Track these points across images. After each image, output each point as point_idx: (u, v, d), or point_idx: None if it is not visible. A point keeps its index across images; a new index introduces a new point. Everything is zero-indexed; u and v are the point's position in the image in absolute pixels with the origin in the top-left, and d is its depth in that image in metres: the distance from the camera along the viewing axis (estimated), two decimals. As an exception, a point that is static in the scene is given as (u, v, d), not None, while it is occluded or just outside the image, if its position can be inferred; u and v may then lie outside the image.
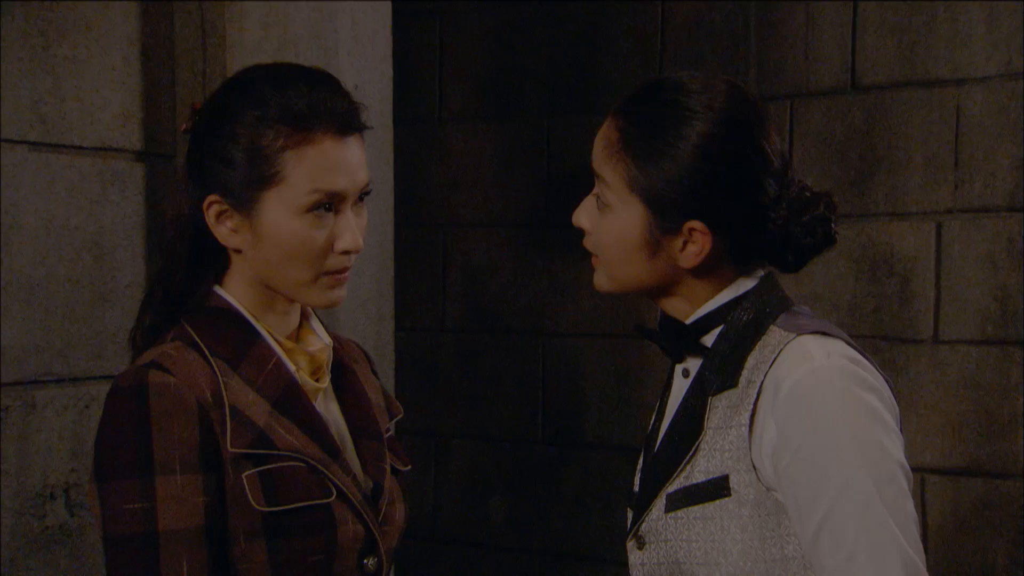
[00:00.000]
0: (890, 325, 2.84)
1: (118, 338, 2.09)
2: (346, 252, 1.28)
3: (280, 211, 1.26)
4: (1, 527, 1.92)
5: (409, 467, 1.41)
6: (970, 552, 2.77)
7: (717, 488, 1.16)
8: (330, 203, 1.27)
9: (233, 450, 1.22)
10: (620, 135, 1.22)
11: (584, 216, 1.27)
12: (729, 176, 1.19)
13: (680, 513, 1.18)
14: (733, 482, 1.16)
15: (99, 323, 2.06)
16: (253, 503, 1.22)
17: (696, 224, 1.20)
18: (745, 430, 1.17)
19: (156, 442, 1.20)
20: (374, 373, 1.47)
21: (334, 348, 1.37)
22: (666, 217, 1.20)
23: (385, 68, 2.41)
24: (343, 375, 1.38)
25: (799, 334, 1.19)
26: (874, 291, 2.88)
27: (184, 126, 1.34)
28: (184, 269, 1.31)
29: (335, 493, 1.26)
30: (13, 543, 1.94)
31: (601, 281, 1.28)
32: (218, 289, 1.32)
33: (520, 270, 3.35)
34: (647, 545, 1.21)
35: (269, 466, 1.24)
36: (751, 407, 1.17)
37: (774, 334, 1.21)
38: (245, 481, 1.22)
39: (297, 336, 1.35)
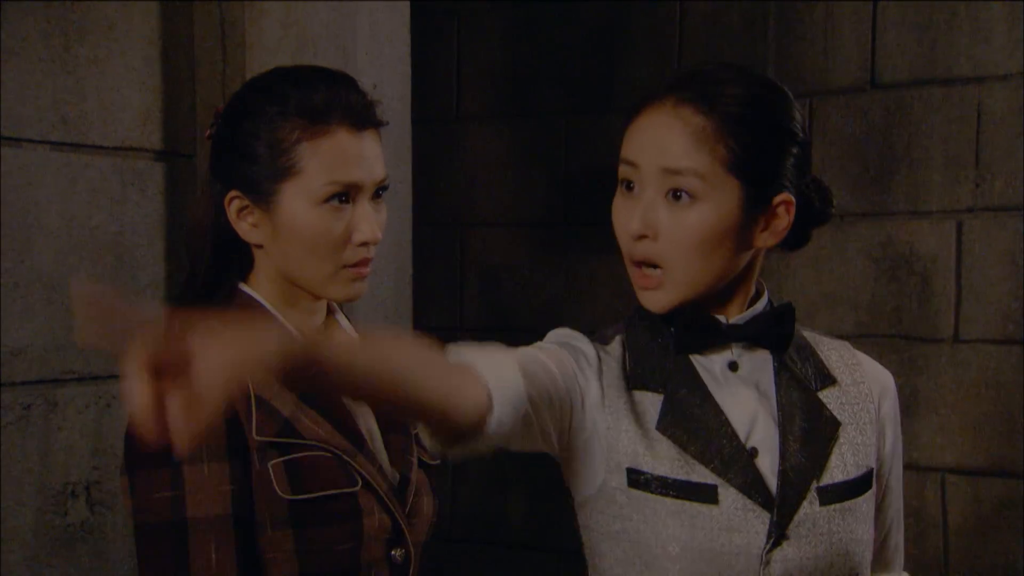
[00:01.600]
0: (910, 324, 2.83)
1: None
2: (364, 244, 1.30)
3: (297, 203, 1.29)
4: (24, 525, 1.93)
5: (438, 461, 1.42)
6: (991, 552, 2.75)
7: (866, 482, 1.26)
8: (346, 195, 1.29)
9: (258, 438, 1.24)
10: (711, 120, 1.19)
11: (645, 223, 1.20)
12: (804, 149, 1.25)
13: (846, 505, 1.24)
14: (873, 476, 1.27)
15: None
16: (279, 491, 1.24)
17: (785, 196, 1.22)
18: (874, 427, 1.28)
19: None
20: None
21: None
22: (761, 193, 1.22)
23: (403, 68, 2.41)
24: None
25: (846, 343, 1.34)
26: (894, 290, 2.86)
27: (208, 132, 1.38)
28: (208, 268, 1.34)
29: (360, 483, 1.27)
30: (35, 540, 1.95)
31: (668, 295, 1.22)
32: (243, 286, 1.34)
33: (537, 269, 3.35)
34: (790, 540, 1.21)
35: (295, 455, 1.25)
36: (874, 406, 1.28)
37: (823, 340, 1.32)
38: (271, 470, 1.24)
39: (324, 332, 1.37)
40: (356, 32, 2.30)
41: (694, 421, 1.22)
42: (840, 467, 1.24)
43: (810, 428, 1.23)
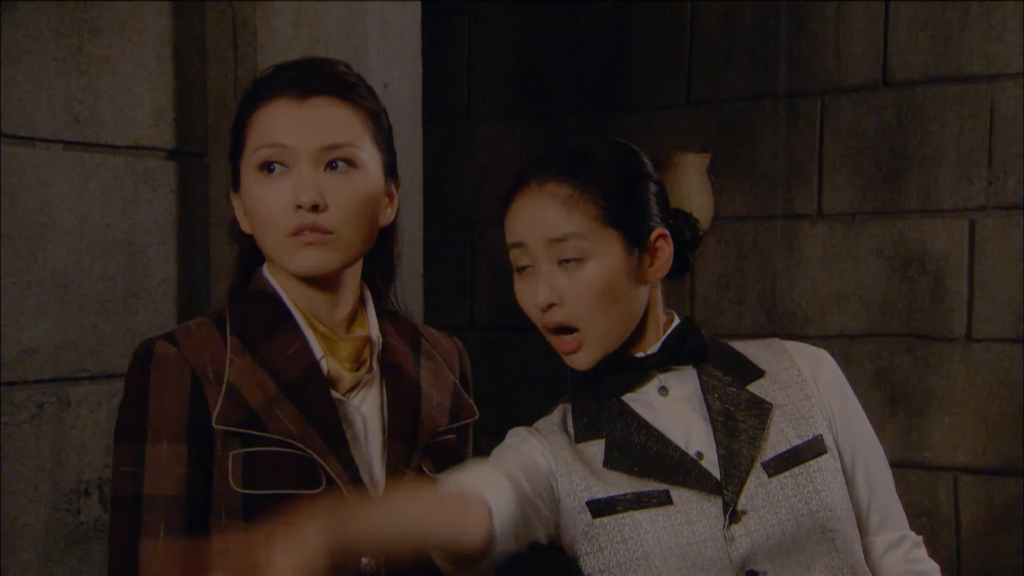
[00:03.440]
0: (922, 323, 2.82)
1: (150, 335, 2.11)
2: (299, 208, 1.27)
3: (246, 176, 1.31)
4: (37, 522, 1.94)
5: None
6: (1004, 551, 2.74)
7: (817, 447, 1.36)
8: (282, 161, 1.28)
9: (216, 426, 1.24)
10: (573, 186, 1.33)
11: (554, 289, 1.33)
12: (660, 187, 1.40)
13: (796, 470, 1.34)
14: (827, 441, 1.37)
15: (132, 320, 2.08)
16: (232, 483, 1.24)
17: (660, 230, 1.37)
18: (815, 400, 1.39)
19: (151, 410, 1.24)
20: (463, 373, 1.46)
21: (389, 344, 1.37)
22: (638, 234, 1.35)
23: (414, 66, 2.41)
24: (393, 372, 1.37)
25: (776, 339, 1.47)
26: (906, 289, 2.85)
27: None
28: (236, 268, 1.37)
29: (324, 484, 1.25)
30: (48, 538, 1.96)
31: (591, 353, 1.35)
32: (265, 271, 1.35)
33: (548, 268, 3.34)
34: (748, 514, 1.30)
35: (257, 448, 1.25)
36: (806, 382, 1.39)
37: (750, 343, 1.45)
38: (230, 459, 1.25)
39: (349, 326, 1.35)
40: (367, 31, 2.30)
41: (636, 448, 1.34)
42: (782, 440, 1.35)
43: (743, 416, 1.35)
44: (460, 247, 3.47)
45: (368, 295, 1.38)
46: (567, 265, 1.32)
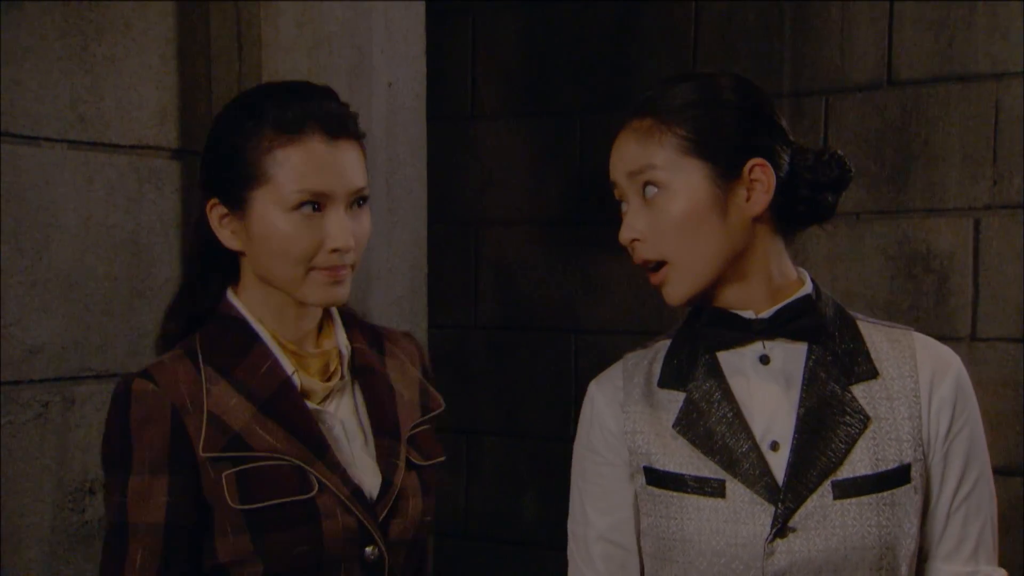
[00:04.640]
0: (927, 323, 2.82)
1: (155, 334, 2.11)
2: (336, 251, 1.33)
3: (268, 210, 1.33)
4: (42, 521, 1.94)
5: (432, 462, 1.44)
6: (1010, 552, 2.74)
7: (901, 476, 1.27)
8: (317, 203, 1.32)
9: (204, 455, 1.31)
10: (655, 119, 1.30)
11: (633, 226, 1.30)
12: (765, 114, 1.31)
13: (866, 499, 1.25)
14: (913, 471, 1.27)
15: (136, 319, 2.09)
16: (230, 502, 1.30)
17: (757, 160, 1.28)
18: (917, 421, 1.28)
19: (134, 445, 1.31)
20: (423, 367, 1.52)
21: (357, 349, 1.43)
22: (727, 164, 1.27)
23: (419, 66, 2.42)
24: (365, 374, 1.43)
25: (909, 330, 1.35)
26: (911, 288, 2.85)
27: None
28: (199, 275, 1.40)
29: (317, 488, 1.32)
30: (53, 537, 1.96)
31: (679, 286, 1.29)
32: (230, 295, 1.39)
33: (552, 267, 3.35)
34: (797, 532, 1.25)
35: (247, 466, 1.31)
36: (918, 397, 1.29)
37: (880, 329, 1.33)
38: (224, 480, 1.31)
39: (317, 340, 1.41)
40: (371, 31, 2.30)
41: (708, 419, 1.29)
42: (865, 461, 1.26)
43: (834, 422, 1.27)
44: (464, 246, 3.47)
45: (333, 308, 1.43)
46: (648, 200, 1.29)
